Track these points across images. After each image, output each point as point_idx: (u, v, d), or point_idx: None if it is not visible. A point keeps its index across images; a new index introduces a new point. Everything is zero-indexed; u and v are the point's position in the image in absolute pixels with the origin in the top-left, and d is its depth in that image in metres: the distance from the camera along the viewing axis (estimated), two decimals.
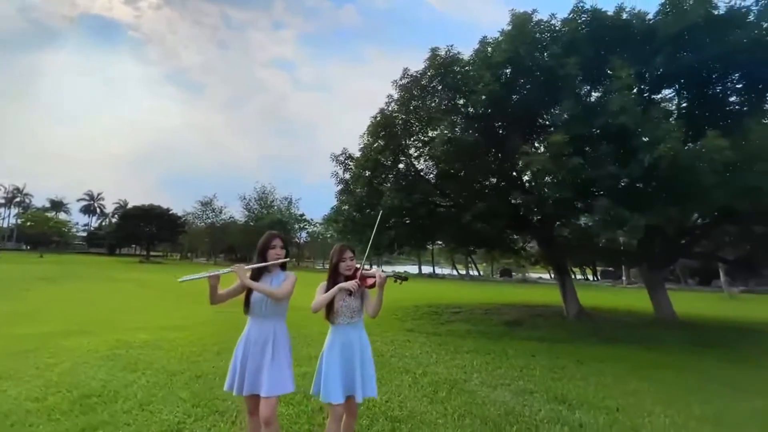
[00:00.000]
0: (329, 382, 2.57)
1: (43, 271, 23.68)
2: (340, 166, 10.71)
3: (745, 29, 7.09)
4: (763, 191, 6.02)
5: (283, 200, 59.41)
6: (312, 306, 2.65)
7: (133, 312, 9.65)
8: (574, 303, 9.80)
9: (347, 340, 2.67)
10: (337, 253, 2.74)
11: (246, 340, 2.61)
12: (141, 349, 5.92)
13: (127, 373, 4.73)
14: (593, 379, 5.19)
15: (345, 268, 2.70)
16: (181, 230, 56.84)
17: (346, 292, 2.65)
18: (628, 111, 6.00)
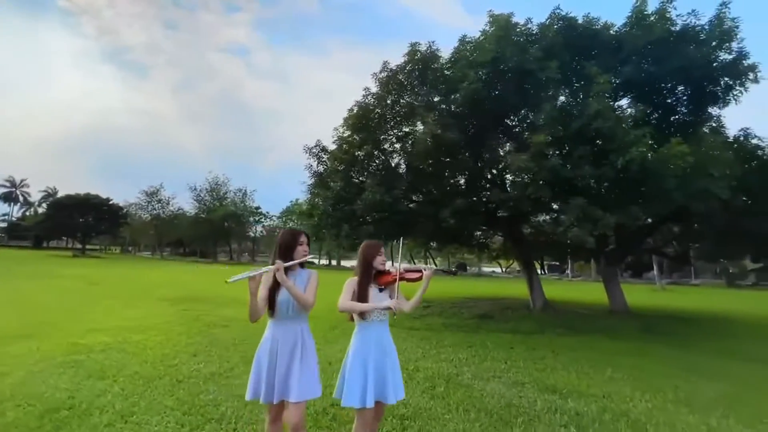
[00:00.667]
0: (359, 386, 2.46)
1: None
2: (313, 158, 10.40)
3: (699, 46, 7.79)
4: (712, 193, 6.67)
5: (237, 192, 56.96)
6: (340, 305, 2.52)
7: (83, 312, 8.74)
8: (540, 296, 10.34)
9: (379, 339, 2.57)
10: (371, 249, 2.65)
11: (272, 344, 2.42)
12: (104, 354, 5.37)
13: (95, 381, 4.26)
14: (573, 368, 5.49)
15: (380, 262, 2.62)
16: (123, 222, 52.56)
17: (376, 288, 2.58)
18: (603, 115, 6.37)
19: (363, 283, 2.62)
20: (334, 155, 9.61)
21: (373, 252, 2.67)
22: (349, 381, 2.47)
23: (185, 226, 55.48)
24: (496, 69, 7.29)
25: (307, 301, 2.40)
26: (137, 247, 73.85)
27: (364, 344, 2.55)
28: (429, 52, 9.10)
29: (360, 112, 9.38)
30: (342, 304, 2.52)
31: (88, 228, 49.67)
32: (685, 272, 44.33)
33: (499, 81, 7.70)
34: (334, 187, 9.16)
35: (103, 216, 49.74)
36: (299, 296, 2.38)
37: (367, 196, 7.90)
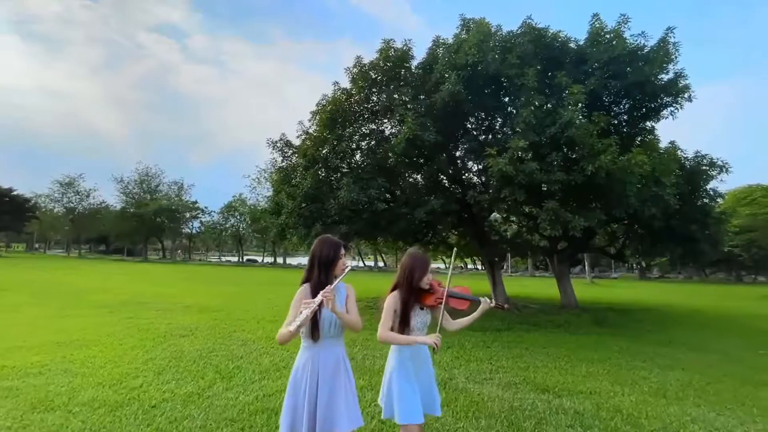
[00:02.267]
0: (403, 401, 2.29)
1: None
2: (278, 153, 9.82)
3: (647, 65, 8.55)
4: (662, 199, 7.38)
5: (171, 185, 52.67)
6: (381, 336, 2.29)
7: (2, 326, 7.39)
8: (501, 293, 10.78)
9: (417, 357, 2.42)
10: (420, 266, 2.38)
11: (312, 369, 2.13)
12: (44, 377, 4.55)
13: (44, 414, 3.56)
14: (552, 365, 5.72)
15: (426, 282, 2.40)
16: (31, 216, 46.06)
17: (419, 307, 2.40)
18: (575, 124, 6.74)
19: (407, 304, 2.40)
20: (302, 151, 9.12)
21: (421, 271, 2.38)
22: (402, 397, 2.30)
23: (109, 221, 50.20)
24: (474, 73, 7.40)
25: (357, 325, 2.17)
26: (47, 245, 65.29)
27: (402, 359, 2.39)
28: (403, 51, 8.98)
29: (331, 107, 9.01)
30: (383, 335, 2.30)
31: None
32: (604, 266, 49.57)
33: (476, 85, 7.82)
34: (302, 185, 8.69)
35: (4, 209, 43.08)
36: (349, 321, 2.14)
37: (342, 194, 7.59)
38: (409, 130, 7.20)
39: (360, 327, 2.19)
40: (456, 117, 8.09)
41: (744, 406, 4.30)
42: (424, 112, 8.30)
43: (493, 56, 7.29)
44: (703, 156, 10.21)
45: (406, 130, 7.23)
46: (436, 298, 2.44)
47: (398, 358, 2.41)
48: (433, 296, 2.45)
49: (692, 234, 9.73)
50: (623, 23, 8.60)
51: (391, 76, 9.29)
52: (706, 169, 10.11)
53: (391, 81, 9.25)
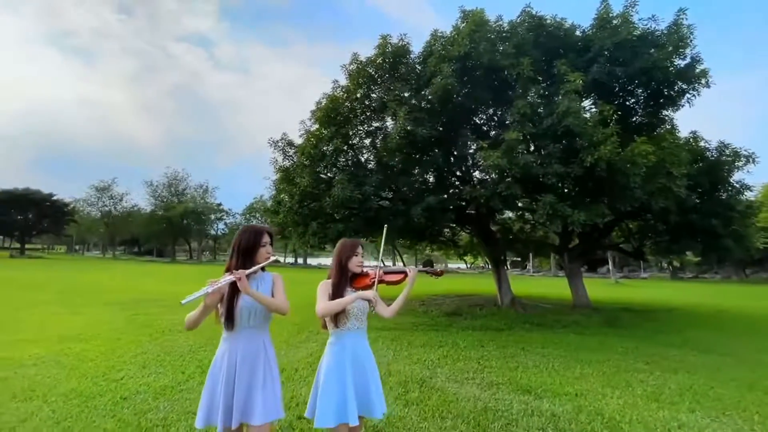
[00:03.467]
0: (335, 402, 2.18)
1: None
2: (279, 152, 9.92)
3: (658, 50, 8.07)
4: (671, 191, 6.93)
5: (197, 188, 54.52)
6: (318, 310, 2.25)
7: (16, 320, 7.82)
8: (507, 292, 10.45)
9: (357, 349, 2.32)
10: (347, 249, 2.39)
11: (229, 360, 2.08)
12: (36, 368, 4.75)
13: (21, 403, 3.70)
14: (543, 366, 5.47)
15: (356, 264, 2.37)
16: (70, 219, 48.78)
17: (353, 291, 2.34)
18: (573, 114, 6.43)
19: (338, 287, 2.36)
20: (301, 149, 9.17)
21: (349, 253, 2.41)
22: (323, 399, 2.20)
23: (140, 223, 52.46)
24: (468, 64, 7.20)
25: (282, 307, 2.10)
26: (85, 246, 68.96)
27: (340, 356, 2.28)
28: (400, 45, 8.87)
29: (329, 105, 9.01)
30: (319, 307, 2.25)
31: (27, 226, 45.60)
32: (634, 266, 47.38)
33: (471, 77, 7.62)
34: (300, 183, 8.73)
35: (45, 213, 45.87)
36: (272, 303, 2.06)
37: (336, 192, 7.57)
38: (401, 125, 7.09)
39: (285, 309, 2.11)
40: (451, 111, 7.89)
41: (745, 412, 3.94)
42: (419, 107, 8.17)
43: (486, 47, 7.06)
44: (726, 146, 9.54)
45: (398, 126, 7.12)
46: (371, 278, 2.40)
47: (330, 356, 2.31)
48: (368, 278, 2.42)
49: (713, 229, 9.11)
50: (631, 7, 8.15)
51: (388, 72, 9.20)
52: (730, 159, 9.45)
53: (388, 77, 9.16)
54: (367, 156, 10.52)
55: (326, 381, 2.24)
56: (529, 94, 6.97)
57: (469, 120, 8.26)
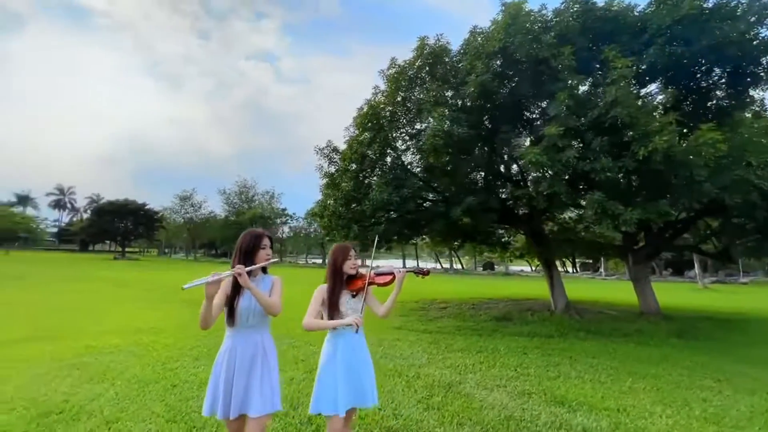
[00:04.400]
0: (331, 393, 2.34)
1: (7, 270, 22.36)
2: (324, 159, 10.35)
3: (734, 23, 7.07)
4: (750, 183, 6.02)
5: (264, 194, 58.40)
6: (304, 324, 2.39)
7: (106, 314, 9.08)
8: (561, 297, 9.78)
9: (351, 346, 2.43)
10: (341, 252, 2.51)
11: (230, 355, 2.28)
12: (112, 356, 5.48)
13: (94, 385, 4.31)
14: (588, 377, 5.08)
15: (350, 267, 2.48)
16: (159, 225, 55.08)
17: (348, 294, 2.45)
18: (622, 103, 5.87)
19: (333, 290, 2.50)
20: (344, 155, 9.49)
21: (342, 256, 2.52)
22: (319, 388, 2.38)
23: (216, 228, 57.45)
24: (506, 59, 6.91)
25: (274, 306, 2.25)
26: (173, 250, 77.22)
27: (334, 352, 2.44)
28: (438, 46, 8.80)
29: (369, 111, 9.22)
30: (306, 323, 2.39)
31: (126, 232, 52.34)
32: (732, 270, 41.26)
33: (511, 71, 7.30)
34: (344, 187, 9.03)
35: (140, 220, 52.33)
36: (266, 301, 2.23)
37: (374, 195, 7.71)
38: (436, 126, 7.00)
39: (276, 310, 2.25)
40: (491, 108, 7.61)
41: None
42: (457, 106, 8.01)
43: (523, 39, 6.70)
44: None
45: (434, 127, 7.04)
46: (363, 280, 2.48)
47: (328, 350, 2.47)
48: (361, 280, 2.50)
49: None
50: None
51: (428, 74, 9.16)
52: None
53: (427, 78, 9.12)
54: (411, 159, 10.58)
55: (321, 373, 2.40)
56: (573, 85, 6.49)
57: (510, 117, 7.90)
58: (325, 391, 2.37)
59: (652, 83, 8.58)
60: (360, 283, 2.51)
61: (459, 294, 15.95)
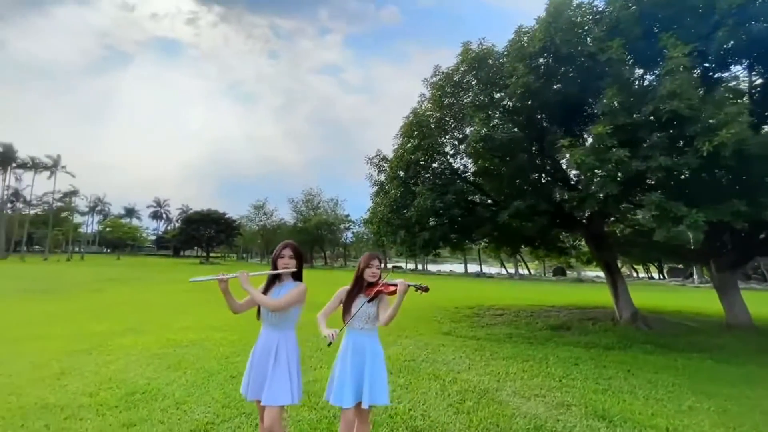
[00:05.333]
0: (338, 386, 2.61)
1: (115, 272, 26.24)
2: (374, 168, 10.74)
3: None
4: None
5: (329, 201, 61.10)
6: (318, 316, 2.68)
7: (187, 312, 10.35)
8: (627, 305, 9.00)
9: (358, 346, 2.68)
10: (365, 260, 2.78)
11: (255, 347, 2.68)
12: (186, 349, 6.32)
13: (171, 372, 5.05)
14: (642, 392, 4.72)
15: (370, 275, 2.73)
16: (237, 232, 60.37)
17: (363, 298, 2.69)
18: (681, 94, 5.37)
19: (351, 293, 2.77)
20: (391, 163, 9.80)
21: (365, 264, 2.77)
22: (330, 380, 2.69)
23: (286, 234, 61.32)
24: (549, 58, 6.65)
25: (267, 303, 2.57)
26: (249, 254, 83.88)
27: (346, 348, 2.70)
28: (482, 50, 8.74)
29: (414, 120, 9.42)
30: (317, 317, 2.68)
31: (210, 239, 58.20)
32: None
33: (556, 70, 7.00)
34: (392, 194, 9.32)
35: (221, 228, 57.92)
36: (261, 300, 2.57)
37: (418, 202, 7.88)
38: (476, 131, 6.96)
39: (271, 307, 2.57)
40: (536, 109, 7.33)
41: None
42: (503, 108, 7.86)
43: (565, 36, 6.39)
44: None
45: (475, 132, 7.00)
46: (376, 288, 2.70)
47: (341, 346, 2.75)
48: (374, 288, 2.72)
49: None
50: None
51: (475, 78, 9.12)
52: None
53: (475, 83, 9.08)
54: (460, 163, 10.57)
55: (334, 367, 2.72)
56: (623, 80, 6.04)
57: (559, 117, 7.55)
58: (333, 384, 2.65)
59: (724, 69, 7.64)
60: (372, 290, 2.73)
61: (519, 301, 15.34)
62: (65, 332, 7.52)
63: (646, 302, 15.19)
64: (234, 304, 2.68)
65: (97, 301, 12.62)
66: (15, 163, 47.56)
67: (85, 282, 18.92)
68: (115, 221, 67.14)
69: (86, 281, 19.32)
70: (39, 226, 57.22)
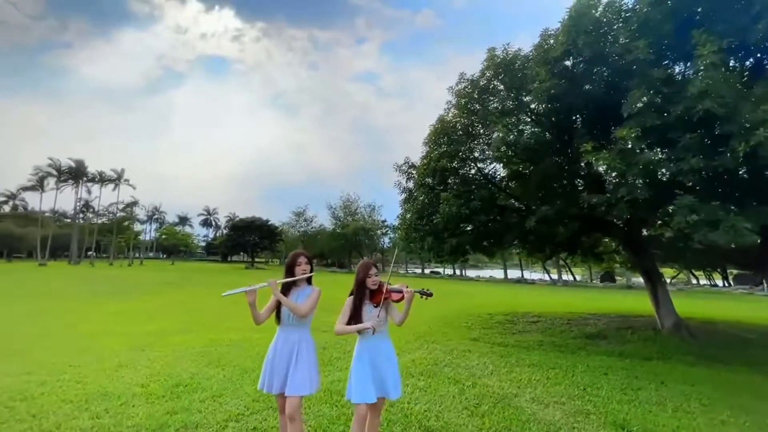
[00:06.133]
0: (360, 385, 2.83)
1: (170, 277, 28.33)
2: (403, 175, 10.97)
3: None
4: None
5: (366, 207, 62.03)
6: (336, 330, 2.92)
7: (229, 315, 11.09)
8: (669, 314, 8.50)
9: (374, 348, 2.91)
10: (363, 270, 2.99)
11: (275, 346, 2.99)
12: (227, 348, 6.85)
13: (211, 369, 5.55)
14: (673, 404, 4.54)
15: (371, 283, 2.94)
16: (279, 239, 62.82)
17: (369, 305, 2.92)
18: (714, 93, 5.14)
19: (356, 302, 2.99)
20: (419, 170, 9.98)
21: (364, 273, 2.99)
22: (350, 381, 2.92)
23: (325, 240, 62.99)
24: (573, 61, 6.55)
25: (297, 309, 2.88)
26: None
27: (362, 351, 2.94)
28: (507, 55, 8.75)
29: (440, 127, 9.57)
30: (337, 328, 2.92)
31: (254, 245, 60.99)
32: None
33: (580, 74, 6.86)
34: (420, 201, 9.50)
35: (264, 235, 60.52)
36: (292, 306, 2.88)
37: (443, 209, 8.00)
38: (503, 137, 6.97)
39: (299, 312, 2.88)
40: (561, 113, 7.20)
41: None
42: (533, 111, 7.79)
43: (588, 39, 6.26)
44: None
45: (498, 138, 7.01)
46: (382, 293, 2.92)
47: (357, 350, 2.98)
48: (381, 294, 2.94)
49: None
50: None
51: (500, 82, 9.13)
52: None
53: (498, 87, 9.09)
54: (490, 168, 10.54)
55: (352, 369, 2.94)
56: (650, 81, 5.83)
57: (584, 120, 7.37)
58: (353, 384, 2.88)
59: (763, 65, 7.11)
60: (379, 297, 2.95)
61: (557, 308, 14.83)
62: (125, 330, 8.39)
63: (698, 311, 14.13)
64: (258, 316, 3.00)
65: (154, 303, 13.81)
66: (86, 177, 52.77)
67: (144, 285, 20.68)
68: (169, 229, 72.28)
69: (145, 284, 21.11)
70: (105, 234, 62.82)
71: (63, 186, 50.85)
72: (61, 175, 50.04)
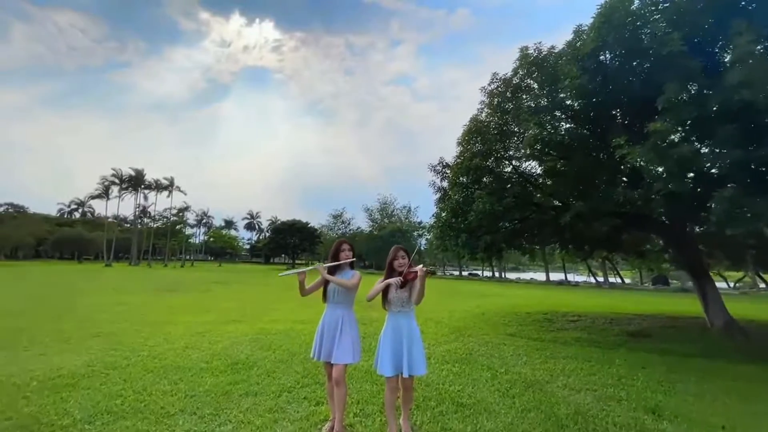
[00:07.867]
0: (381, 358, 3.24)
1: (218, 276, 30.24)
2: (437, 175, 11.26)
3: None
4: None
5: (402, 209, 62.41)
6: (367, 296, 3.35)
7: (277, 309, 11.89)
8: (719, 313, 8.13)
9: (397, 325, 3.29)
10: (392, 253, 3.43)
11: (323, 321, 3.46)
12: (275, 336, 7.49)
13: (263, 351, 6.17)
14: (711, 396, 4.54)
15: (398, 265, 3.34)
16: (318, 241, 64.69)
17: (395, 286, 3.31)
18: (753, 83, 5.04)
19: (385, 277, 3.39)
20: (452, 170, 10.24)
21: (392, 257, 3.41)
22: (377, 354, 3.34)
23: (362, 241, 64.04)
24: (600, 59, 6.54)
25: (344, 283, 3.35)
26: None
27: (388, 329, 3.34)
28: (539, 52, 8.84)
29: (473, 126, 9.78)
30: (367, 295, 3.34)
31: (295, 247, 63.21)
32: None
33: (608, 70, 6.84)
34: (454, 199, 9.75)
35: (304, 237, 62.58)
36: (342, 282, 3.36)
37: (477, 206, 8.21)
38: (534, 135, 7.08)
39: (349, 286, 3.37)
40: (595, 109, 7.17)
41: None
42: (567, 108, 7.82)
43: (620, 34, 6.24)
44: None
45: (530, 136, 7.12)
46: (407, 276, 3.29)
47: (384, 329, 3.38)
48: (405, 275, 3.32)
49: None
50: None
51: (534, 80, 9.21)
52: None
53: (532, 85, 9.17)
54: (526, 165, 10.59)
55: (379, 344, 3.32)
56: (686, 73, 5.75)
57: (625, 113, 7.29)
58: (378, 357, 3.30)
59: None
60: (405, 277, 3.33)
61: (600, 308, 14.42)
62: (185, 320, 9.31)
63: (760, 314, 13.19)
64: (304, 290, 3.54)
65: (207, 298, 14.98)
66: (143, 185, 57.32)
67: (197, 283, 22.30)
68: (217, 232, 76.63)
69: (197, 283, 22.75)
70: (160, 237, 67.74)
71: (124, 194, 55.48)
72: (122, 184, 54.66)
